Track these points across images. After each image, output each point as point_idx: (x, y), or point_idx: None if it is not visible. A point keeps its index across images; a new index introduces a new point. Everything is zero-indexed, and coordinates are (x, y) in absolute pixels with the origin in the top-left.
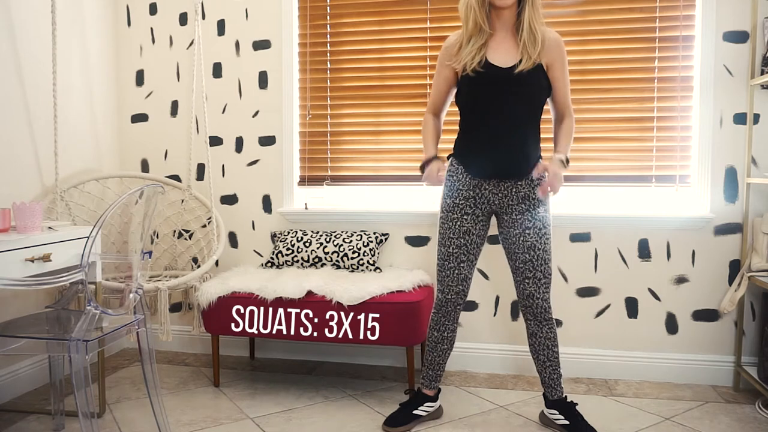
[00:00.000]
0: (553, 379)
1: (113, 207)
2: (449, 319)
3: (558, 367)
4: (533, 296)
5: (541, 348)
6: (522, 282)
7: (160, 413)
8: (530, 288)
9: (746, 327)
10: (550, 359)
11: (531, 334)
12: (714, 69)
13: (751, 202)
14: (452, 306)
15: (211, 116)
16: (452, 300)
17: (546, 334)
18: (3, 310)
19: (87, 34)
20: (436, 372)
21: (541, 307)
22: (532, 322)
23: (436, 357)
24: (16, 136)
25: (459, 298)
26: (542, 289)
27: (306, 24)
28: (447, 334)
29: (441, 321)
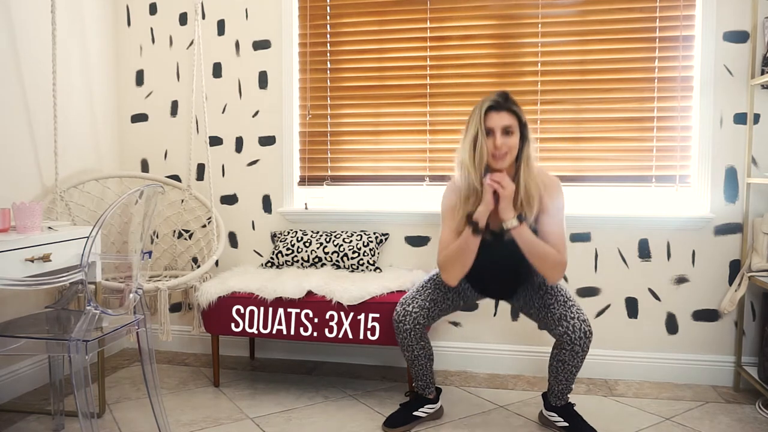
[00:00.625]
0: (562, 392)
1: (113, 207)
2: (413, 340)
3: (572, 383)
4: (565, 317)
5: (563, 369)
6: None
7: (160, 413)
8: (563, 327)
9: (746, 327)
10: (568, 380)
11: (560, 360)
12: (714, 69)
13: (751, 202)
14: (410, 324)
15: (211, 116)
16: (409, 328)
17: (576, 364)
18: (3, 310)
19: (87, 34)
20: (425, 381)
21: (581, 330)
22: (569, 352)
23: (419, 371)
24: (16, 136)
25: (418, 319)
26: (573, 309)
27: (306, 24)
28: (418, 352)
29: (405, 343)
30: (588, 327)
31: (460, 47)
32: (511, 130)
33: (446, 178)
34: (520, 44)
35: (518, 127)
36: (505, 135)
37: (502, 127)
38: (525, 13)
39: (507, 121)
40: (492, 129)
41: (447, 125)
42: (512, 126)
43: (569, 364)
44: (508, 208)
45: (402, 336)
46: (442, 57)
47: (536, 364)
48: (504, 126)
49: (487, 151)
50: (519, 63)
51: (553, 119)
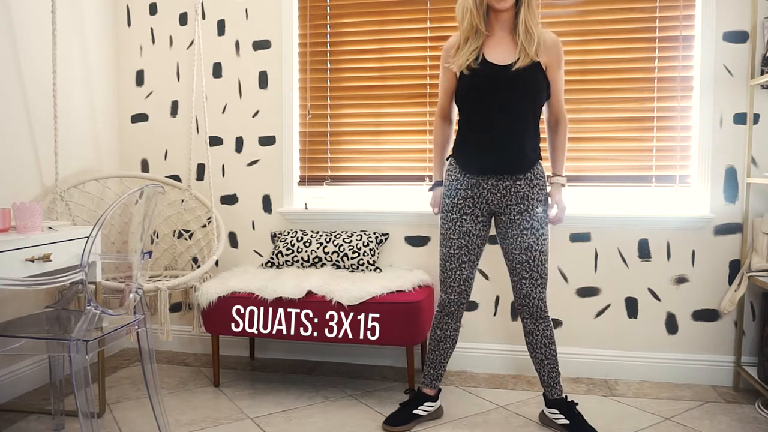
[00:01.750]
0: (552, 378)
1: (113, 207)
2: (452, 318)
3: (556, 365)
4: (529, 296)
5: (538, 346)
6: (519, 282)
7: (160, 413)
8: (526, 288)
9: (746, 327)
10: (548, 357)
11: (528, 332)
12: (714, 69)
13: (751, 202)
14: (455, 306)
15: (211, 116)
16: (455, 300)
17: (542, 332)
18: (3, 310)
19: (87, 34)
20: (437, 371)
21: (537, 307)
22: (529, 320)
23: (438, 356)
24: (16, 136)
25: (462, 297)
26: (538, 289)
27: (306, 24)
28: (450, 333)
29: (444, 320)
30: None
31: None
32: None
33: None
34: None
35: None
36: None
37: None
38: None
39: None
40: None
41: None
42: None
43: (537, 335)
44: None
45: (446, 315)
46: None
47: None
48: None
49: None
50: None
51: None
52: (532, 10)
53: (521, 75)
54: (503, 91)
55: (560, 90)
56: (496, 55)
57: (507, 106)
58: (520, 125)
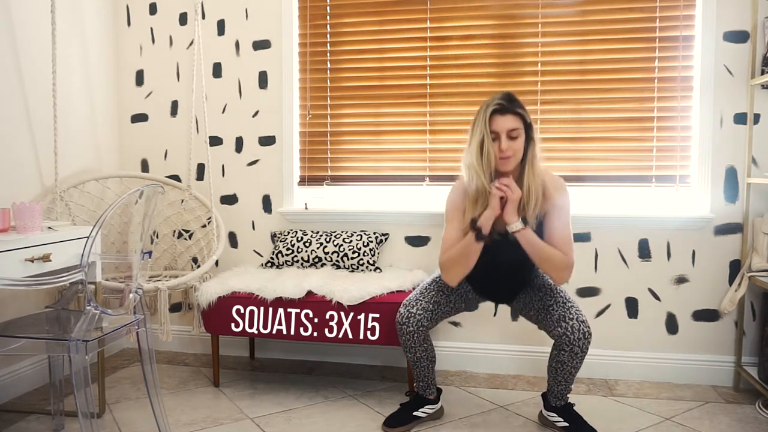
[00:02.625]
0: (561, 392)
1: (113, 207)
2: (416, 340)
3: (571, 383)
4: (564, 317)
5: (563, 370)
6: (546, 311)
7: (160, 413)
8: (558, 310)
9: (746, 327)
10: (566, 381)
11: (560, 362)
12: (714, 69)
13: (751, 202)
14: (414, 327)
15: (211, 116)
16: (413, 330)
17: (576, 365)
18: (3, 310)
19: (87, 34)
20: (426, 382)
21: (579, 331)
22: (567, 353)
23: (421, 371)
24: (16, 137)
25: (422, 321)
26: (572, 310)
27: (306, 24)
28: (420, 354)
29: (407, 345)
30: (587, 328)
31: (460, 47)
32: (516, 133)
33: (446, 178)
34: (520, 44)
35: (523, 129)
36: (510, 139)
37: (507, 130)
38: (525, 13)
39: (512, 124)
40: (497, 133)
41: (447, 125)
42: (517, 129)
43: (568, 365)
44: (513, 212)
45: (405, 338)
46: (442, 57)
47: (536, 364)
48: (509, 129)
49: (494, 155)
50: (519, 63)
51: (553, 119)
52: (535, 169)
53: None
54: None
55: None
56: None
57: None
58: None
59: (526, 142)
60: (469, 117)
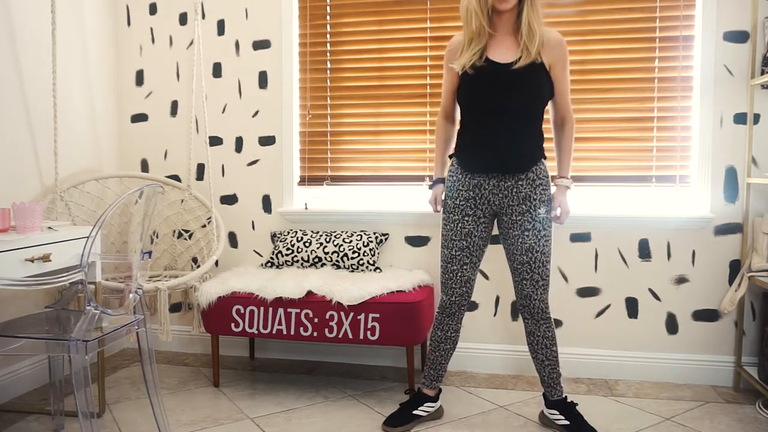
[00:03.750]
0: (553, 378)
1: (113, 207)
2: (453, 320)
3: (557, 366)
4: (530, 297)
5: (539, 347)
6: (520, 282)
7: (160, 413)
8: (528, 289)
9: (746, 327)
10: (548, 358)
11: (529, 332)
12: (714, 69)
13: (751, 202)
14: (456, 307)
15: (210, 116)
16: (456, 302)
17: (544, 332)
18: (3, 310)
19: (87, 34)
20: (437, 372)
21: (538, 308)
22: (530, 321)
23: (439, 356)
24: (16, 136)
25: (463, 299)
26: (540, 290)
27: (306, 24)
28: (450, 334)
29: (445, 321)
30: (548, 315)
31: None
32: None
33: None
34: None
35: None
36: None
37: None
38: None
39: None
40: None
41: None
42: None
43: (538, 335)
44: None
45: (446, 316)
46: (442, 57)
47: None
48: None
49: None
50: None
51: None
52: (535, 9)
53: (522, 74)
54: (504, 90)
55: (565, 90)
56: (498, 54)
57: (507, 105)
58: (521, 124)
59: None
60: None
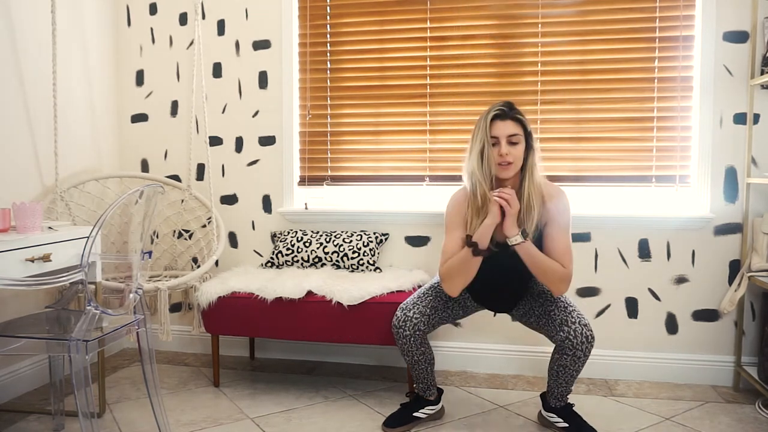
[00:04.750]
0: (562, 393)
1: (113, 207)
2: (413, 345)
3: (571, 385)
4: (567, 322)
5: (564, 372)
6: (547, 316)
7: (160, 413)
8: (560, 315)
9: (746, 327)
10: (567, 382)
11: (561, 366)
12: (714, 69)
13: (751, 202)
14: (410, 331)
15: (211, 116)
16: (409, 334)
17: (577, 368)
18: (3, 310)
19: (87, 34)
20: (427, 384)
21: (582, 333)
22: (570, 358)
23: (420, 373)
24: (16, 137)
25: (417, 328)
26: (575, 312)
27: (306, 24)
28: (418, 357)
29: (404, 347)
30: (590, 332)
31: (460, 47)
32: (516, 139)
33: (446, 178)
34: (520, 44)
35: (523, 137)
36: (511, 144)
37: (507, 135)
38: (525, 13)
39: (512, 130)
40: (497, 138)
41: (447, 125)
42: (517, 134)
43: (570, 369)
44: (512, 225)
45: (402, 341)
46: (442, 57)
47: (536, 364)
48: (509, 135)
49: (494, 160)
50: (519, 63)
51: (553, 119)
52: (534, 178)
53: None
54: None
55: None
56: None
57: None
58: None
59: (526, 151)
60: (469, 117)
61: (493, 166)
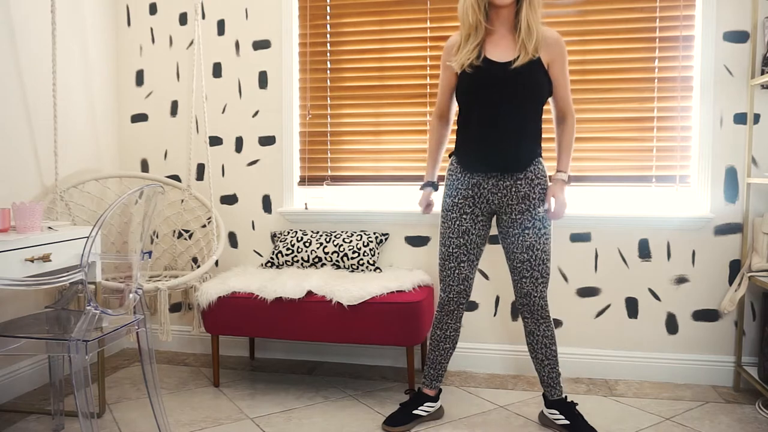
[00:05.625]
0: (552, 378)
1: (113, 207)
2: (452, 318)
3: (556, 366)
4: (530, 295)
5: (539, 346)
6: (519, 281)
7: (160, 413)
8: (527, 287)
9: (746, 327)
10: (548, 357)
11: (528, 332)
12: (714, 69)
13: (751, 202)
14: (455, 305)
15: (211, 116)
16: (454, 299)
17: (543, 332)
18: (3, 310)
19: (87, 34)
20: (437, 371)
21: (538, 305)
22: (530, 320)
23: (438, 356)
24: (16, 136)
25: (461, 297)
26: (539, 287)
27: (306, 24)
28: (450, 333)
29: (443, 320)
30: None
31: None
32: None
33: None
34: None
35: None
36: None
37: None
38: None
39: None
40: None
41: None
42: None
43: (538, 335)
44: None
45: (445, 314)
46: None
47: None
48: None
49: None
50: None
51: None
52: (533, 7)
53: (521, 73)
54: (502, 89)
55: (564, 86)
56: (496, 52)
57: (506, 104)
58: (520, 123)
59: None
60: None
61: None
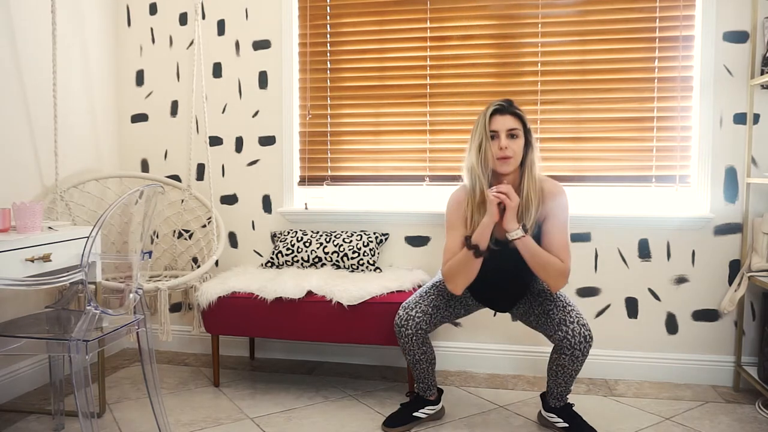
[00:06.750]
0: (561, 393)
1: (113, 207)
2: (415, 345)
3: (571, 384)
4: (565, 322)
5: (564, 371)
6: (546, 315)
7: (160, 413)
8: (558, 314)
9: (746, 327)
10: (566, 382)
11: (559, 364)
12: (714, 69)
13: (751, 202)
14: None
15: (211, 116)
16: (411, 333)
17: (576, 367)
18: (3, 310)
19: (87, 34)
20: (426, 383)
21: (579, 333)
22: (569, 357)
23: (421, 373)
24: (16, 137)
25: (419, 330)
26: (573, 312)
27: (306, 24)
28: (419, 357)
29: (406, 347)
30: (588, 332)
31: (460, 47)
32: (515, 133)
33: (446, 178)
34: (520, 44)
35: (523, 132)
36: (510, 138)
37: (506, 129)
38: (525, 13)
39: (511, 124)
40: (497, 132)
41: (447, 125)
42: (517, 129)
43: (569, 368)
44: (512, 219)
45: (404, 340)
46: (442, 57)
47: (536, 364)
48: (508, 129)
49: (492, 155)
50: (519, 63)
51: (553, 119)
52: (533, 175)
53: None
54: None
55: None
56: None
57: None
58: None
59: (525, 148)
60: (469, 117)
61: (491, 161)
